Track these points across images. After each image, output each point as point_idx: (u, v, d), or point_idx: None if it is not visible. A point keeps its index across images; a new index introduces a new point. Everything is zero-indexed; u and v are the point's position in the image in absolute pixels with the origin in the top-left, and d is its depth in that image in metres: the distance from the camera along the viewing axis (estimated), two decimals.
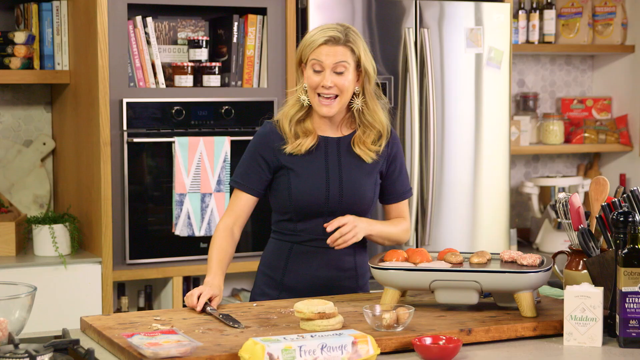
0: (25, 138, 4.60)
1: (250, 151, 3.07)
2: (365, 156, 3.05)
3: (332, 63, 2.95)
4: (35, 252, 4.18)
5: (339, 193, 3.02)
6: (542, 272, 2.68)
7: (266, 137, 3.06)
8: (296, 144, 3.02)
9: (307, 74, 2.99)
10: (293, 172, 3.02)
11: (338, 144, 3.06)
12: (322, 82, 2.96)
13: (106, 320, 2.66)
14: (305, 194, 3.01)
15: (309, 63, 2.98)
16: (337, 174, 3.03)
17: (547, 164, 5.69)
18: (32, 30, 4.37)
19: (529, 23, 5.38)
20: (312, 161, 3.03)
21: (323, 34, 2.97)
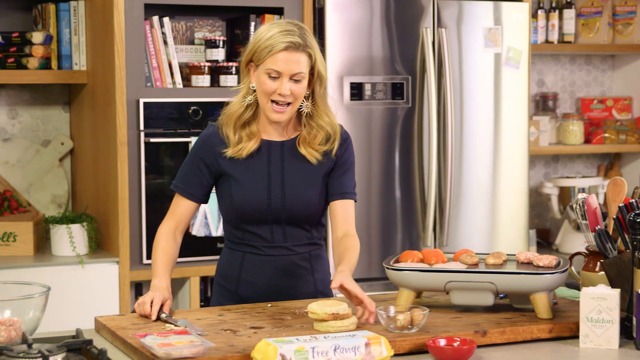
0: (44, 138, 4.61)
1: (191, 155, 2.94)
2: (311, 157, 2.90)
3: (291, 72, 2.80)
4: (53, 252, 4.19)
5: (281, 199, 2.89)
6: (557, 273, 2.65)
7: (208, 141, 2.92)
8: (238, 148, 2.87)
9: (262, 79, 2.82)
10: (234, 179, 2.89)
11: (282, 147, 2.92)
12: (279, 90, 2.80)
13: (120, 321, 2.65)
14: (246, 201, 2.88)
15: (264, 68, 2.81)
16: (280, 179, 2.90)
17: (567, 165, 5.66)
18: (50, 30, 4.38)
19: (549, 23, 5.35)
20: (253, 167, 2.90)
21: (282, 39, 2.79)
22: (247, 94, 2.90)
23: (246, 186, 2.89)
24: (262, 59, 2.81)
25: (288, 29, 2.82)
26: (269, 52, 2.79)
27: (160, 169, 4.17)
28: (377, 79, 4.43)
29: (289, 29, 2.82)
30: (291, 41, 2.79)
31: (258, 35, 2.85)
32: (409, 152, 4.50)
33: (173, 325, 2.59)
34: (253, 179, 2.89)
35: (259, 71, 2.83)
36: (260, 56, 2.81)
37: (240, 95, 2.91)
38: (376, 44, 4.43)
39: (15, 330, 2.43)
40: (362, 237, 4.39)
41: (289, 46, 2.79)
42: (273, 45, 2.79)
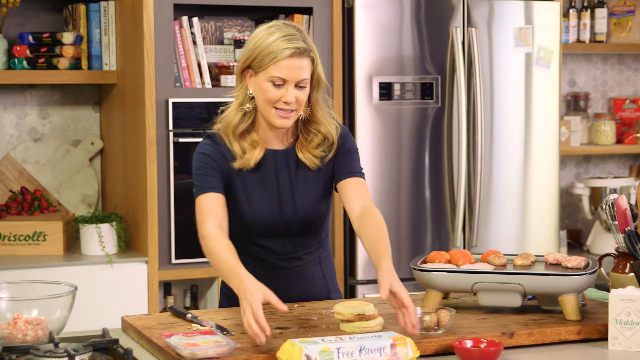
0: (74, 138, 4.63)
1: (202, 163, 2.80)
2: (310, 162, 2.82)
3: (297, 79, 2.69)
4: (83, 252, 4.21)
5: (293, 211, 2.82)
6: (586, 275, 2.63)
7: (216, 150, 2.80)
8: (244, 159, 2.77)
9: (264, 86, 2.70)
10: (244, 195, 2.79)
11: (286, 157, 2.83)
12: (285, 98, 2.69)
13: (147, 320, 2.66)
14: (259, 217, 2.80)
15: (267, 75, 2.69)
16: (289, 191, 2.82)
17: (599, 165, 5.61)
18: (80, 30, 4.40)
19: (580, 22, 5.31)
20: (262, 180, 2.80)
21: (287, 45, 2.66)
22: (244, 101, 2.77)
23: (257, 202, 2.80)
24: (264, 66, 2.68)
25: (290, 33, 2.70)
26: (272, 59, 2.67)
27: (189, 168, 4.14)
28: (407, 79, 4.41)
29: (291, 33, 2.70)
30: (296, 47, 2.67)
31: (257, 40, 2.71)
32: (439, 152, 4.48)
33: (199, 325, 2.59)
34: (263, 194, 2.81)
35: (260, 78, 2.71)
36: (262, 63, 2.68)
37: (237, 103, 2.79)
38: (405, 44, 4.41)
39: (42, 329, 2.45)
40: (392, 237, 4.36)
41: (295, 52, 2.67)
42: (277, 51, 2.66)
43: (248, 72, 2.75)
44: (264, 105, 2.72)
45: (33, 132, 4.57)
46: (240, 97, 2.78)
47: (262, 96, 2.72)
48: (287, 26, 2.73)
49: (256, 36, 2.73)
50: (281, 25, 2.73)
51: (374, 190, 4.36)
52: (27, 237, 4.16)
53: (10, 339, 2.41)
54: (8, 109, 4.54)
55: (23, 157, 4.53)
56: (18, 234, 4.16)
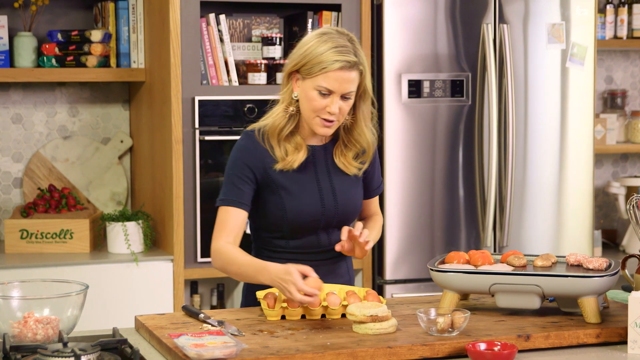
0: (104, 136, 4.64)
1: (235, 165, 2.80)
2: (347, 170, 2.86)
3: (344, 91, 2.71)
4: (109, 250, 4.21)
5: (334, 206, 2.84)
6: (607, 276, 2.57)
7: (253, 150, 2.80)
8: (288, 161, 2.78)
9: (310, 94, 2.72)
10: (285, 191, 2.79)
11: (325, 152, 2.86)
12: (329, 108, 2.71)
13: (159, 320, 2.64)
14: (301, 213, 2.80)
15: (314, 84, 2.71)
16: (329, 185, 2.84)
17: (637, 164, 5.51)
18: (109, 28, 4.40)
19: (617, 18, 5.22)
20: (303, 176, 2.81)
21: (338, 57, 2.68)
22: (289, 104, 2.80)
23: (299, 197, 2.80)
24: (313, 74, 2.71)
25: (342, 44, 2.71)
26: (322, 69, 2.69)
27: (215, 167, 4.16)
28: (436, 77, 4.36)
29: (343, 44, 2.71)
30: (347, 60, 2.69)
31: (308, 47, 2.73)
32: (470, 150, 4.42)
33: (210, 325, 2.57)
34: (305, 189, 2.82)
35: (307, 85, 2.73)
36: (311, 71, 2.71)
37: (283, 106, 2.81)
38: (434, 41, 4.36)
39: (52, 328, 2.43)
40: (426, 235, 4.35)
41: (344, 65, 2.69)
42: (327, 62, 2.68)
43: (295, 75, 2.77)
44: (308, 112, 2.76)
45: (63, 130, 4.58)
46: (286, 100, 2.81)
47: (307, 103, 2.74)
48: (340, 35, 2.74)
49: (308, 42, 2.74)
50: (334, 34, 2.74)
51: (404, 188, 4.31)
52: (54, 235, 4.17)
53: (21, 338, 2.41)
54: (38, 106, 4.55)
55: (53, 154, 4.54)
56: (45, 232, 4.17)
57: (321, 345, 2.37)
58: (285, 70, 2.80)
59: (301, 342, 2.40)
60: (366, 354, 2.34)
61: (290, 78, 2.79)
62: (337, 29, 2.78)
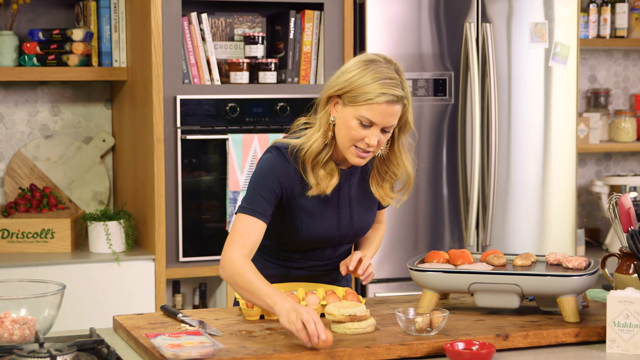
0: (85, 135, 4.62)
1: (267, 177, 2.70)
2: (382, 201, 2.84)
3: (386, 125, 2.65)
4: (91, 249, 4.19)
5: (349, 226, 2.81)
6: (585, 275, 2.56)
7: (285, 168, 2.71)
8: (322, 187, 2.71)
9: (350, 123, 2.64)
10: (305, 214, 2.75)
11: (350, 175, 2.81)
12: (368, 140, 2.64)
13: (137, 320, 2.62)
14: (316, 236, 2.77)
15: (357, 113, 2.63)
16: (348, 211, 2.81)
17: (620, 163, 5.52)
18: (91, 27, 4.38)
19: (600, 17, 5.22)
20: (325, 201, 2.76)
21: (386, 90, 2.60)
22: (327, 129, 2.71)
23: (318, 222, 2.76)
24: (357, 103, 2.62)
25: (390, 77, 2.63)
26: (367, 100, 2.61)
27: (197, 166, 4.14)
28: (419, 75, 4.35)
29: (392, 77, 2.63)
30: (394, 95, 2.61)
31: (354, 74, 2.64)
32: (453, 149, 4.42)
33: (188, 325, 2.55)
34: (325, 214, 2.78)
35: (348, 112, 2.65)
36: (356, 100, 2.62)
37: (322, 132, 2.71)
38: (417, 40, 4.35)
39: (29, 328, 2.42)
40: (409, 235, 4.34)
41: (391, 100, 2.61)
42: (374, 94, 2.60)
43: (335, 99, 2.69)
44: (344, 139, 2.67)
45: (44, 129, 4.56)
46: (324, 125, 2.71)
47: (345, 131, 2.66)
48: (388, 65, 2.66)
49: (353, 69, 2.66)
50: (382, 63, 2.65)
51: None
52: (35, 234, 4.15)
53: None
54: (19, 105, 4.52)
55: (34, 154, 4.52)
56: (26, 232, 4.15)
57: (299, 345, 2.36)
58: (324, 93, 2.71)
59: (279, 342, 2.39)
60: (344, 353, 2.33)
61: (329, 101, 2.71)
62: (385, 57, 2.69)
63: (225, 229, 4.14)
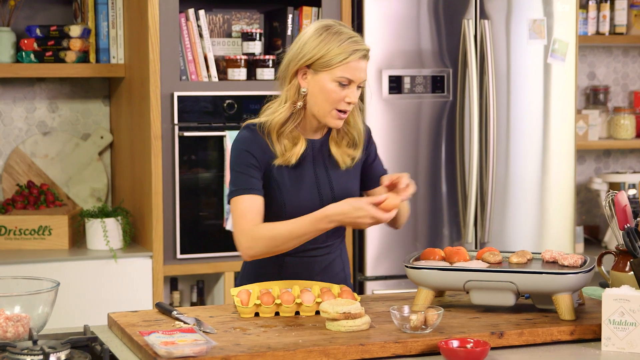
0: (83, 131, 4.61)
1: (241, 156, 2.77)
2: (341, 160, 2.85)
3: (361, 80, 2.75)
4: (88, 246, 4.19)
5: (331, 199, 2.81)
6: (581, 273, 2.56)
7: (255, 142, 2.77)
8: (286, 157, 2.78)
9: (329, 86, 2.71)
10: (284, 186, 2.79)
11: (321, 146, 2.85)
12: (349, 98, 2.73)
13: (132, 317, 2.62)
14: (300, 207, 2.78)
15: (333, 76, 2.70)
16: (326, 179, 2.84)
17: (619, 160, 5.51)
18: (88, 23, 4.37)
19: (599, 13, 5.21)
20: (301, 170, 2.81)
21: (358, 46, 2.72)
22: (296, 100, 2.78)
23: (298, 191, 2.80)
24: (331, 66, 2.70)
25: (355, 35, 2.74)
26: (342, 61, 2.70)
27: (194, 163, 4.14)
28: (417, 72, 4.34)
29: (354, 35, 2.74)
30: (366, 49, 2.73)
31: (320, 41, 2.72)
32: (451, 146, 4.41)
33: (182, 322, 2.55)
34: (303, 184, 2.82)
35: (322, 78, 2.72)
36: (329, 64, 2.70)
37: (290, 103, 2.78)
38: (416, 37, 4.34)
39: (22, 326, 2.41)
40: (407, 232, 4.34)
41: (364, 54, 2.73)
42: (348, 53, 2.70)
43: (303, 70, 2.75)
44: (324, 105, 2.74)
45: (42, 126, 4.56)
46: (292, 97, 2.78)
47: (324, 96, 2.73)
48: (345, 26, 2.77)
49: (316, 36, 2.73)
50: (337, 25, 2.76)
51: None
52: (32, 231, 4.15)
53: None
54: (17, 102, 4.52)
55: (32, 150, 4.52)
56: (23, 228, 4.14)
57: (293, 342, 2.35)
58: (290, 68, 2.77)
59: (273, 339, 2.39)
60: (338, 351, 2.33)
61: (295, 75, 2.77)
62: (335, 21, 2.80)
63: (222, 226, 4.14)
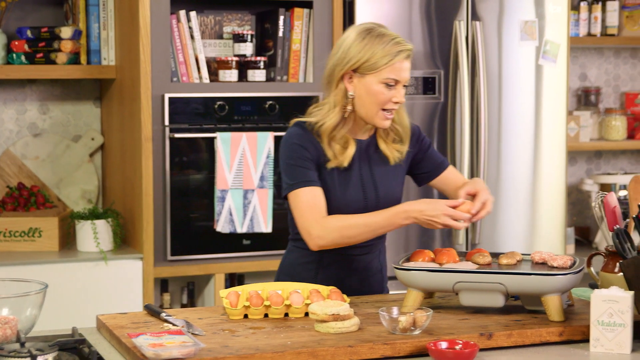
0: (74, 133, 4.60)
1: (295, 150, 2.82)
2: (390, 155, 2.91)
3: (407, 79, 2.82)
4: (79, 248, 4.18)
5: (375, 199, 2.89)
6: (570, 274, 2.56)
7: (308, 140, 2.83)
8: (340, 160, 2.83)
9: (376, 88, 2.77)
10: (334, 188, 2.84)
11: (367, 147, 2.92)
12: (396, 98, 2.80)
13: (120, 319, 2.61)
14: (345, 206, 2.84)
15: (380, 77, 2.77)
16: (371, 178, 2.90)
17: (610, 161, 5.51)
18: (79, 25, 4.37)
19: (591, 15, 5.21)
20: (349, 172, 2.87)
21: (401, 47, 2.78)
22: (346, 103, 2.83)
23: (344, 192, 2.85)
24: (378, 68, 2.77)
25: (397, 36, 2.80)
26: (388, 62, 2.76)
27: (185, 164, 4.13)
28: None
29: (396, 35, 2.80)
30: (409, 49, 2.80)
31: (364, 44, 2.78)
32: (443, 147, 4.41)
33: (171, 324, 2.54)
34: (350, 184, 2.86)
35: (370, 80, 2.78)
36: (375, 66, 2.77)
37: (340, 107, 2.83)
38: (407, 38, 4.28)
39: (10, 328, 2.40)
40: (400, 233, 4.33)
41: (408, 55, 2.79)
42: (393, 54, 2.77)
43: (351, 75, 2.81)
44: (372, 106, 2.81)
45: (33, 128, 4.55)
46: (341, 101, 2.83)
47: (371, 98, 2.80)
48: (385, 28, 2.83)
49: (360, 40, 2.79)
50: (378, 27, 2.82)
51: None
52: (22, 233, 4.14)
53: None
54: (8, 104, 4.51)
55: (23, 152, 4.51)
56: (13, 230, 4.13)
57: (281, 344, 2.35)
58: (336, 73, 2.82)
59: (262, 341, 2.38)
60: (327, 353, 2.32)
61: (341, 79, 2.82)
62: (372, 22, 2.87)
63: (213, 228, 4.13)
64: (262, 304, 2.62)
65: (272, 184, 4.13)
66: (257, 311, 2.62)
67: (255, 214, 4.13)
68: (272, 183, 4.13)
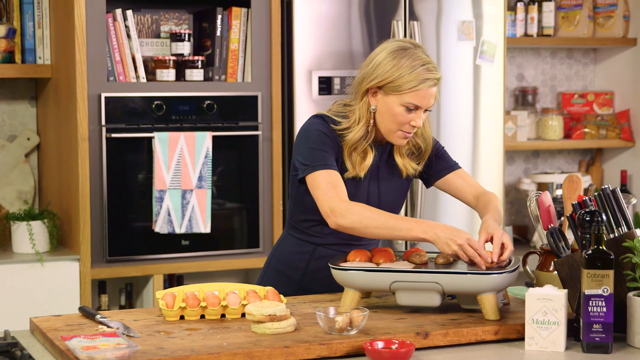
0: (10, 133, 4.54)
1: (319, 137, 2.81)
2: (404, 168, 2.93)
3: (429, 106, 2.81)
4: (14, 249, 4.13)
5: (377, 202, 2.91)
6: (505, 273, 2.57)
7: (329, 131, 2.83)
8: (357, 171, 2.85)
9: (396, 110, 2.77)
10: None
11: (381, 152, 2.93)
12: (414, 122, 2.80)
13: (54, 322, 2.58)
14: None
15: (402, 100, 2.76)
16: (376, 184, 2.92)
17: (548, 160, 5.57)
18: (14, 23, 4.31)
19: (528, 15, 5.26)
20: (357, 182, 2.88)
21: (429, 75, 2.76)
22: (369, 117, 2.84)
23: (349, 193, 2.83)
24: (400, 91, 2.76)
25: (427, 62, 2.77)
26: (411, 88, 2.75)
27: (122, 165, 4.09)
28: (346, 73, 4.35)
29: (428, 61, 2.77)
30: (437, 78, 2.78)
31: (393, 65, 2.76)
32: None
33: (106, 326, 2.52)
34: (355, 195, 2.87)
35: (392, 100, 2.78)
36: (399, 89, 2.76)
37: (364, 122, 2.83)
38: (345, 38, 4.35)
39: None
40: None
41: (435, 83, 2.78)
42: (418, 82, 2.75)
43: (375, 90, 2.81)
44: (390, 125, 2.82)
45: None
46: (365, 115, 2.84)
47: (391, 118, 2.80)
48: (417, 48, 2.79)
49: (389, 59, 2.77)
50: (413, 49, 2.78)
51: None
52: None
53: None
54: None
55: None
56: None
57: (217, 345, 2.34)
58: (363, 85, 2.82)
59: (197, 342, 2.37)
60: (263, 353, 2.31)
61: (365, 92, 2.83)
62: (410, 40, 2.84)
63: (151, 228, 4.10)
64: (199, 305, 2.60)
65: (210, 184, 4.11)
66: (193, 312, 2.60)
67: (193, 215, 4.11)
68: (210, 183, 4.11)
